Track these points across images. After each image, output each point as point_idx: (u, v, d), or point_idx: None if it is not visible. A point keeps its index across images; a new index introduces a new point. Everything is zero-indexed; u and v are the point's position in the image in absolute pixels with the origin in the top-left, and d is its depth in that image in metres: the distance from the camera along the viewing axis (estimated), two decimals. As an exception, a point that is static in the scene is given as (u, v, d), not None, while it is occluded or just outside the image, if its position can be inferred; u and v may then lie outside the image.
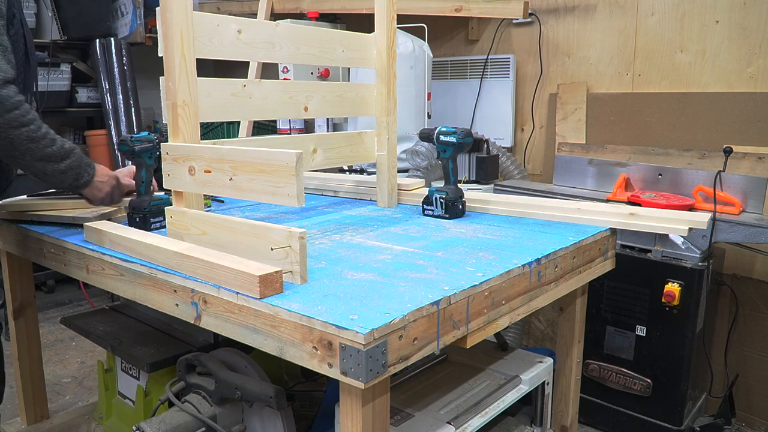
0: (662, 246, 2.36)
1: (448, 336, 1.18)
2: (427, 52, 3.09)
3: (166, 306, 1.36)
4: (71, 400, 2.92)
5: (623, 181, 2.57)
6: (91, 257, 1.55)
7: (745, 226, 2.16)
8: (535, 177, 3.37)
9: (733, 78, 2.70)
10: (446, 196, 1.84)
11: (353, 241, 1.58)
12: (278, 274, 1.16)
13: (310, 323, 1.05)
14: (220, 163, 1.33)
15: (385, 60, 1.92)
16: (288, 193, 1.20)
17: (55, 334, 3.69)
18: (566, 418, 1.96)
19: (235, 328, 1.20)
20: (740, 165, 2.49)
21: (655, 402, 2.42)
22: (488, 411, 1.53)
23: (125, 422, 2.00)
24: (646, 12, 2.91)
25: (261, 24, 1.65)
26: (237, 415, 1.65)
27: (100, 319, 2.13)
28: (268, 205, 2.06)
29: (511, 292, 1.35)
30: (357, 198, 2.21)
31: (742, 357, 2.66)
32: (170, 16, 1.38)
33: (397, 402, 1.51)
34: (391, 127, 1.98)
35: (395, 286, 1.20)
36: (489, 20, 3.46)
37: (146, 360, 1.79)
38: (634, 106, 2.96)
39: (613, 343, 2.50)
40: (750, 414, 2.67)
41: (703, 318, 2.40)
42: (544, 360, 1.79)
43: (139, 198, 1.73)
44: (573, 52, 3.17)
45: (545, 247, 1.49)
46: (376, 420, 1.09)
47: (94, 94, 4.38)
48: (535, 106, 3.35)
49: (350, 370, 1.00)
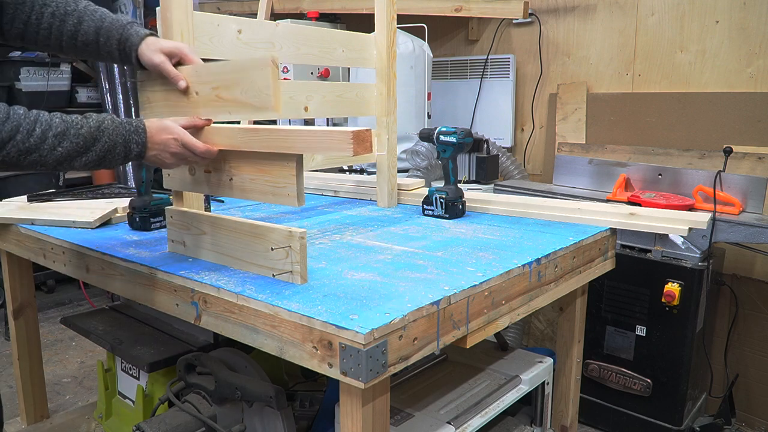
0: (662, 246, 2.35)
1: (448, 336, 1.18)
2: (427, 52, 3.09)
3: (166, 306, 1.36)
4: (71, 400, 2.92)
5: (623, 181, 2.56)
6: (91, 257, 1.55)
7: (745, 226, 2.16)
8: (535, 177, 3.37)
9: (733, 78, 2.70)
10: (446, 196, 1.84)
11: (353, 241, 1.58)
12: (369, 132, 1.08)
13: (310, 323, 1.05)
14: (220, 162, 1.33)
15: (385, 60, 1.92)
16: (288, 193, 1.20)
17: (55, 334, 3.69)
18: (566, 418, 1.96)
19: (235, 328, 1.20)
20: (740, 165, 2.49)
21: (655, 402, 2.42)
22: (488, 411, 1.53)
23: (125, 422, 1.99)
24: (646, 12, 2.91)
25: (261, 24, 1.65)
26: (237, 415, 1.65)
27: (100, 319, 2.13)
28: (268, 205, 2.06)
29: (511, 292, 1.35)
30: (357, 198, 2.21)
31: (742, 357, 2.66)
32: (170, 16, 1.38)
33: (397, 402, 1.51)
34: (391, 127, 1.98)
35: (395, 286, 1.20)
36: (489, 20, 3.46)
37: (146, 360, 1.79)
38: (634, 106, 2.95)
39: (613, 343, 2.50)
40: (750, 414, 2.67)
41: (703, 318, 2.40)
42: (544, 360, 1.79)
43: (140, 198, 1.73)
44: (573, 52, 3.17)
45: (545, 247, 1.50)
46: (376, 420, 1.09)
47: (94, 93, 4.38)
48: (535, 106, 3.35)
49: (350, 370, 1.00)
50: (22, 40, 1.34)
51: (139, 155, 1.21)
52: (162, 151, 1.23)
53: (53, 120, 1.11)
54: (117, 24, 1.32)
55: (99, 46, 1.33)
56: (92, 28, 1.31)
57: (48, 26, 1.31)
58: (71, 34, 1.32)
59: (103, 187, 2.36)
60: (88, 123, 1.14)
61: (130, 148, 1.18)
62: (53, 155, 1.10)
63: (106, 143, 1.15)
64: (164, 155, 1.23)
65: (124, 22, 1.32)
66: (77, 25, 1.31)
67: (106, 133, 1.15)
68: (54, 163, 1.12)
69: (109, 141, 1.15)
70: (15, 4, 1.29)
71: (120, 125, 1.18)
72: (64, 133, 1.10)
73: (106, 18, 1.32)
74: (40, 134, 1.08)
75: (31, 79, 4.04)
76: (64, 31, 1.32)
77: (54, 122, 1.10)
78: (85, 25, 1.31)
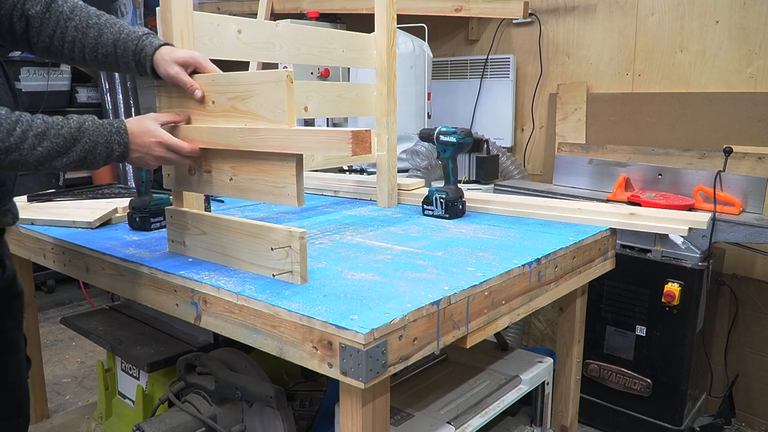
0: (662, 246, 2.35)
1: (448, 336, 1.18)
2: (427, 52, 3.09)
3: (166, 306, 1.36)
4: (71, 400, 2.92)
5: (623, 181, 2.57)
6: (91, 257, 1.55)
7: (745, 226, 2.16)
8: (535, 177, 3.37)
9: (733, 78, 2.70)
10: (446, 196, 1.84)
11: (353, 241, 1.58)
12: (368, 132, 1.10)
13: (310, 323, 1.05)
14: (220, 162, 1.33)
15: (385, 60, 1.92)
16: (288, 193, 1.20)
17: (55, 334, 3.69)
18: (566, 418, 1.96)
19: (235, 328, 1.20)
20: (740, 165, 2.49)
21: (655, 402, 2.42)
22: (488, 411, 1.53)
23: (125, 422, 1.99)
24: (646, 12, 2.91)
25: (261, 24, 1.65)
26: (237, 415, 1.65)
27: (100, 319, 2.13)
28: (268, 205, 2.06)
29: (511, 292, 1.35)
30: (357, 198, 2.21)
31: (742, 357, 2.66)
32: (170, 16, 1.38)
33: (397, 402, 1.51)
34: (391, 127, 1.98)
35: (395, 286, 1.20)
36: (489, 20, 3.46)
37: (146, 360, 1.79)
38: (634, 106, 2.95)
39: (613, 343, 2.50)
40: (750, 414, 2.67)
41: (703, 318, 2.40)
42: (544, 360, 1.79)
43: (139, 198, 1.73)
44: (573, 52, 3.17)
45: (545, 247, 1.50)
46: (376, 420, 1.09)
47: (94, 94, 4.38)
48: (535, 106, 3.35)
49: (350, 370, 1.00)
50: (48, 53, 1.37)
51: (121, 156, 1.22)
52: (146, 154, 1.25)
53: (34, 121, 1.12)
54: (133, 36, 1.33)
55: (117, 58, 1.34)
56: (110, 41, 1.33)
57: (72, 40, 1.33)
58: (92, 47, 1.33)
59: (103, 187, 2.36)
60: (69, 124, 1.15)
61: (111, 148, 1.19)
62: (33, 155, 1.11)
63: (87, 144, 1.16)
64: (148, 157, 1.25)
65: (139, 33, 1.33)
66: (97, 38, 1.33)
67: (86, 133, 1.16)
68: (35, 163, 1.12)
69: (90, 141, 1.16)
70: (41, 18, 1.32)
71: (101, 126, 1.19)
72: (45, 134, 1.12)
73: (123, 30, 1.33)
74: (21, 134, 1.09)
75: (31, 79, 4.05)
76: (86, 44, 1.33)
77: (35, 123, 1.12)
78: (104, 37, 1.33)
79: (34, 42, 1.34)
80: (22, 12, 1.31)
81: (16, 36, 1.34)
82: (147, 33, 1.34)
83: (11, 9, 1.31)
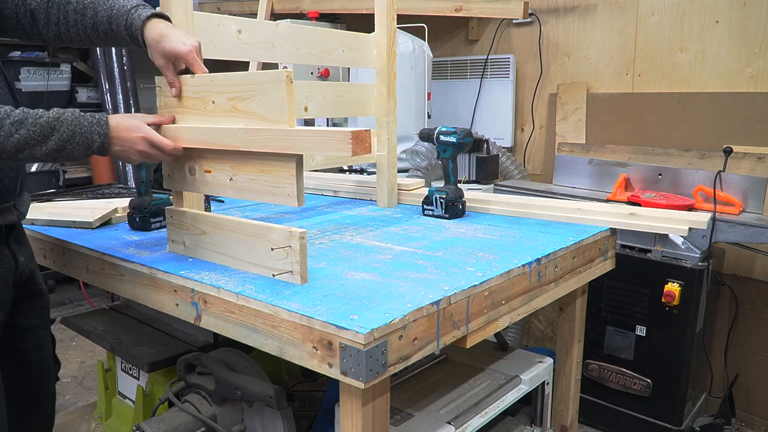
0: (662, 246, 2.36)
1: (448, 336, 1.18)
2: (427, 52, 3.09)
3: (166, 306, 1.36)
4: (71, 400, 2.92)
5: (623, 181, 2.57)
6: (91, 257, 1.55)
7: (745, 226, 2.16)
8: (535, 177, 3.37)
9: (733, 78, 2.70)
10: (446, 196, 1.84)
11: (353, 241, 1.58)
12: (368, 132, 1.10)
13: (310, 323, 1.05)
14: (220, 162, 1.33)
15: (385, 60, 1.92)
16: (288, 193, 1.20)
17: (55, 334, 3.68)
18: (566, 418, 1.96)
19: (235, 328, 1.20)
20: (740, 165, 2.49)
21: (655, 402, 2.42)
22: (488, 411, 1.53)
23: (125, 422, 1.99)
24: (646, 12, 2.91)
25: (261, 24, 1.65)
26: (237, 415, 1.65)
27: (100, 319, 2.13)
28: (268, 205, 2.06)
29: (511, 292, 1.35)
30: (357, 198, 2.21)
31: (742, 357, 2.66)
32: (170, 16, 1.38)
33: (397, 402, 1.51)
34: (391, 127, 1.98)
35: (395, 286, 1.20)
36: (489, 20, 3.46)
37: (146, 360, 1.79)
38: (634, 106, 2.95)
39: (613, 343, 2.50)
40: (750, 414, 2.67)
41: (703, 318, 2.40)
42: (544, 360, 1.79)
43: (139, 198, 1.73)
44: (573, 52, 3.17)
45: (545, 247, 1.49)
46: (376, 420, 1.09)
47: (94, 94, 4.38)
48: (535, 106, 3.35)
49: (350, 370, 1.00)
50: (61, 41, 1.39)
51: (101, 147, 1.22)
52: (129, 148, 1.26)
53: (14, 111, 1.14)
54: (123, 10, 1.33)
55: (115, 35, 1.35)
56: (105, 18, 1.34)
57: (74, 23, 1.35)
58: (92, 26, 1.35)
59: (103, 187, 2.36)
60: (48, 114, 1.17)
61: (91, 139, 1.20)
62: (10, 142, 1.13)
63: (65, 133, 1.17)
64: (131, 152, 1.27)
65: (128, 6, 1.33)
66: (94, 18, 1.34)
67: (64, 123, 1.17)
68: (12, 150, 1.14)
69: (68, 131, 1.17)
70: (44, 10, 1.35)
71: (81, 117, 1.20)
72: (22, 122, 1.14)
73: (114, 5, 1.34)
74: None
75: (31, 79, 4.04)
76: (86, 25, 1.35)
77: (15, 113, 1.14)
78: (100, 16, 1.34)
79: (45, 33, 1.37)
80: (25, 8, 1.34)
81: (27, 31, 1.37)
82: (136, 6, 1.33)
83: (14, 7, 1.34)
